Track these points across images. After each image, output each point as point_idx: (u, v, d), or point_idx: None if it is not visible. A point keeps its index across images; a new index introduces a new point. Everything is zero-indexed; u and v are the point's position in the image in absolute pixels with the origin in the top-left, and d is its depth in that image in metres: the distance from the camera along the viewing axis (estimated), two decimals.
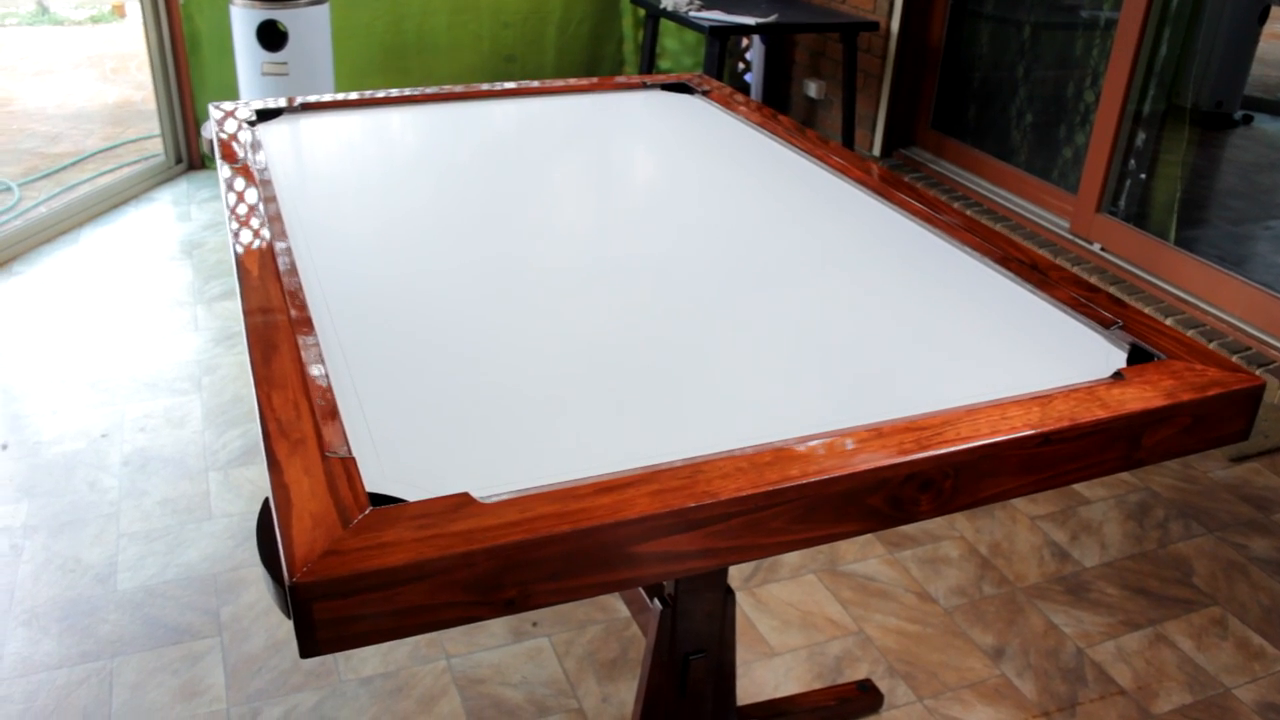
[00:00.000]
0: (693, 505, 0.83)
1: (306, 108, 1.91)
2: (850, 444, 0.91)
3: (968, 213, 3.59)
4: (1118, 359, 1.12)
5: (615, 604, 1.80)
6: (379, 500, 0.85)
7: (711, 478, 0.86)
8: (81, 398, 2.34)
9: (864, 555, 1.94)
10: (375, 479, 0.88)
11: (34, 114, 4.43)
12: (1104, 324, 1.18)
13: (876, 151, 3.99)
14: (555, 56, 4.30)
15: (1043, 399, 1.00)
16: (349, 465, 0.88)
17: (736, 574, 1.88)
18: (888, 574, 1.89)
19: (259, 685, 1.60)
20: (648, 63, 4.03)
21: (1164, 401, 1.02)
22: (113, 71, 5.16)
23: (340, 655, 1.65)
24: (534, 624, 1.74)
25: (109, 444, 2.17)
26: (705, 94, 2.06)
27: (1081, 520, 2.07)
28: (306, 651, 0.78)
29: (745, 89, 4.65)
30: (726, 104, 1.98)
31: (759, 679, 1.65)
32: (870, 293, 1.21)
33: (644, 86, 2.14)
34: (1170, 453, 1.06)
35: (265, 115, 1.85)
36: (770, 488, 0.85)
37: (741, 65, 4.64)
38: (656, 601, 1.34)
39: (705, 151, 1.68)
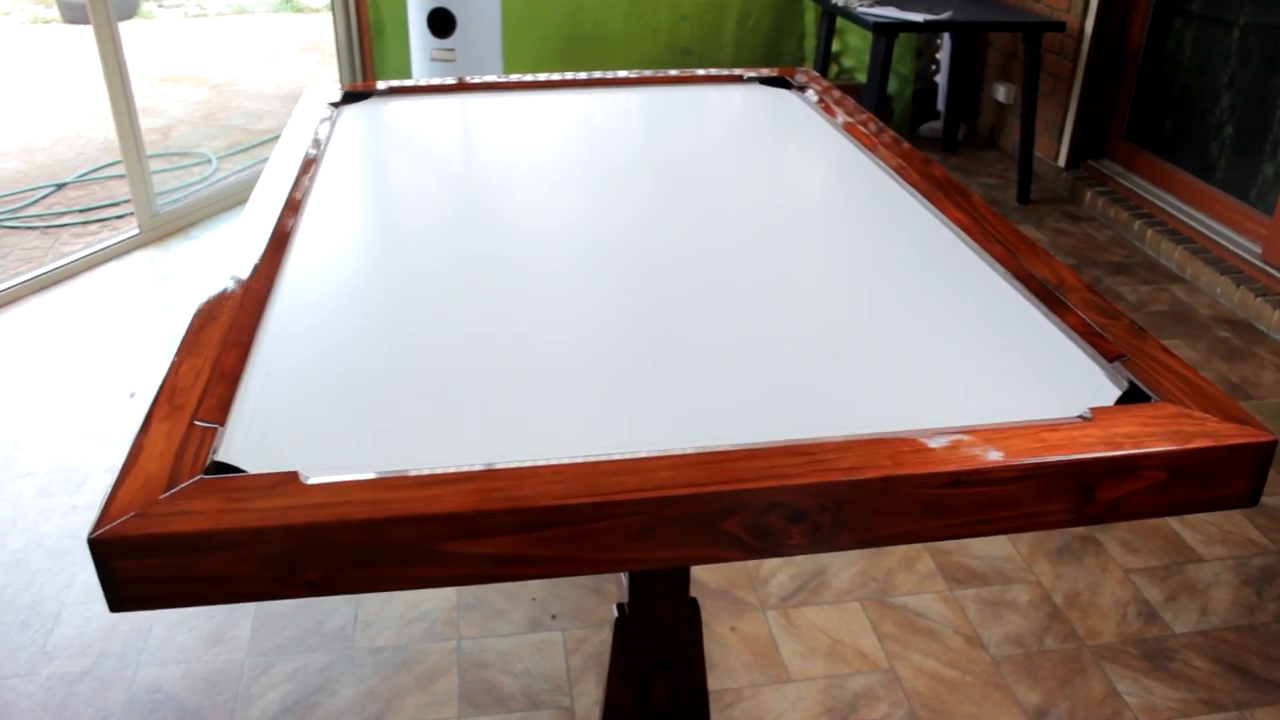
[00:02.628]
0: (505, 509, 0.79)
1: (393, 92, 1.97)
2: (712, 462, 0.84)
3: (1153, 232, 3.26)
4: (1107, 396, 0.98)
5: None
6: (224, 470, 0.86)
7: (540, 482, 0.81)
8: None
9: (920, 589, 1.80)
10: (235, 450, 0.89)
11: (252, 93, 4.83)
12: (1108, 356, 1.04)
13: (1061, 162, 3.70)
14: (732, 51, 4.25)
15: (969, 433, 0.89)
16: (207, 434, 0.89)
17: (775, 590, 1.79)
18: (940, 611, 1.75)
19: (279, 641, 1.67)
20: (823, 60, 3.90)
21: (1123, 449, 0.88)
22: (331, 55, 5.54)
23: (360, 623, 1.70)
24: (553, 616, 1.73)
25: None
26: (800, 89, 1.97)
27: (1186, 579, 1.83)
28: (114, 606, 0.80)
29: (935, 91, 4.43)
30: (818, 101, 1.89)
31: (764, 704, 1.56)
32: (862, 305, 1.11)
33: (741, 80, 2.07)
34: (1141, 511, 0.92)
35: (352, 97, 1.93)
36: (597, 499, 0.80)
37: (934, 66, 4.42)
38: (615, 609, 1.29)
39: (760, 148, 1.60)
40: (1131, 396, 0.98)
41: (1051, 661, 1.65)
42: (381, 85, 1.99)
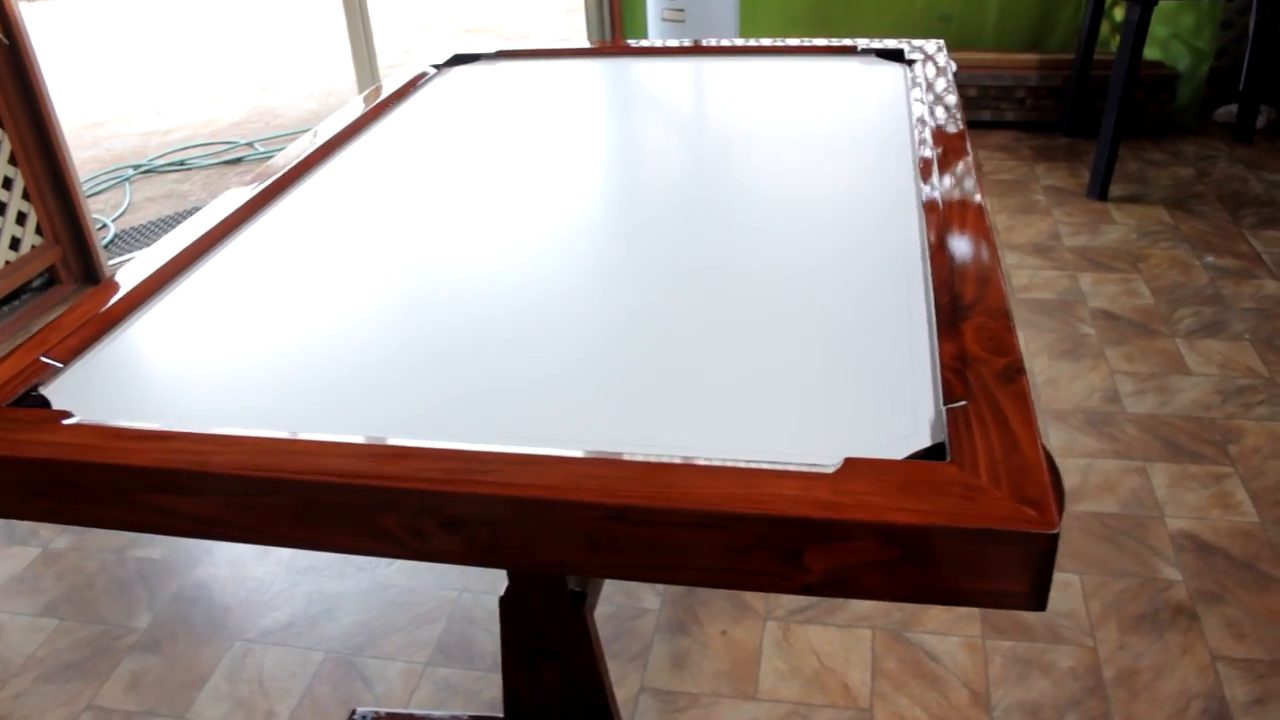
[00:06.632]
0: (183, 470, 0.83)
1: (502, 55, 2.03)
2: (385, 456, 0.83)
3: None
4: (912, 445, 0.86)
5: (640, 590, 1.73)
6: (43, 403, 0.97)
7: (225, 452, 0.85)
8: None
9: (949, 629, 1.62)
10: (55, 388, 0.99)
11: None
12: (947, 399, 0.90)
13: None
14: (996, 18, 3.91)
15: (672, 468, 0.80)
16: (43, 369, 1.00)
17: (788, 602, 1.69)
18: (958, 659, 1.57)
19: (313, 562, 1.81)
20: (1087, 32, 3.50)
21: (830, 513, 0.76)
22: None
23: (387, 560, 1.80)
24: None
25: None
26: (909, 65, 1.81)
27: None
28: None
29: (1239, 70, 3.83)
30: (914, 78, 1.72)
31: (714, 716, 1.49)
32: (743, 307, 1.03)
33: (855, 52, 1.93)
34: (878, 592, 0.79)
35: (462, 60, 2.01)
36: (251, 474, 0.82)
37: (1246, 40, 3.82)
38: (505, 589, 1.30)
39: (801, 130, 1.49)
40: (938, 451, 0.85)
41: None
42: (492, 50, 2.05)
